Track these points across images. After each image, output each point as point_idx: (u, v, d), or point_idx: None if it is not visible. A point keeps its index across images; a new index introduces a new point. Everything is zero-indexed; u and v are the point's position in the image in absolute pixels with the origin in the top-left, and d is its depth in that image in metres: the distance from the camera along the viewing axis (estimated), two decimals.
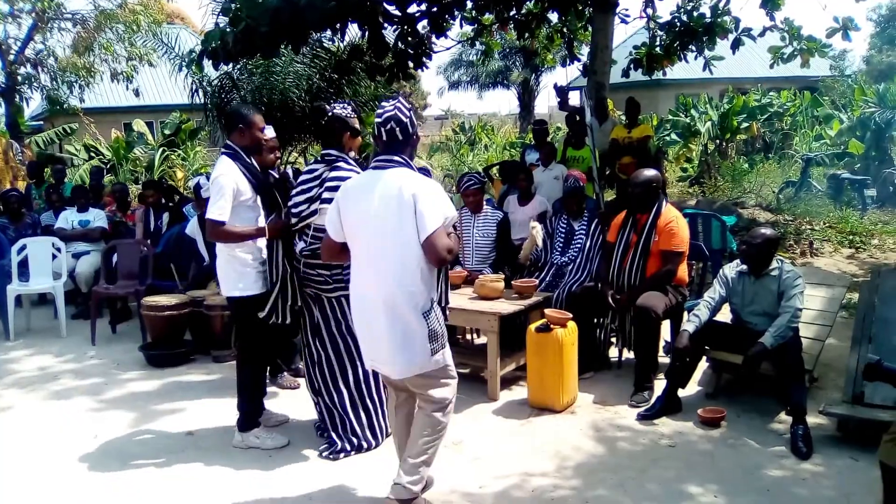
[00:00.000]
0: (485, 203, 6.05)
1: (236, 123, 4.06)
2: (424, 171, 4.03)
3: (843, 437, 4.09)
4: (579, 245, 5.56)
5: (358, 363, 4.00)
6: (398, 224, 3.04)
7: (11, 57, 13.40)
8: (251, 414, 4.24)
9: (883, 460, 2.84)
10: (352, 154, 4.06)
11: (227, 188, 3.87)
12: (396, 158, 3.15)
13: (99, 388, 5.39)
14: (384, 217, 3.07)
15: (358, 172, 3.78)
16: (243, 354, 4.20)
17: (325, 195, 3.84)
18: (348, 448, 4.03)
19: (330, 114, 4.05)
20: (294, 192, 4.05)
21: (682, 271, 5.08)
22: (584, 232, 5.59)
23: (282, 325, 4.15)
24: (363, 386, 4.09)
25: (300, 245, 4.05)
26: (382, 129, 3.17)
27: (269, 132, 4.42)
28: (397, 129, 3.15)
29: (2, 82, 13.34)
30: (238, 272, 4.02)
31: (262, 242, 4.06)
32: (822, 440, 4.05)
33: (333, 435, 4.09)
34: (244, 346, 4.19)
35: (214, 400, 5.02)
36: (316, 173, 3.97)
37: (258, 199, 4.06)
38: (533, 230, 5.63)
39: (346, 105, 4.12)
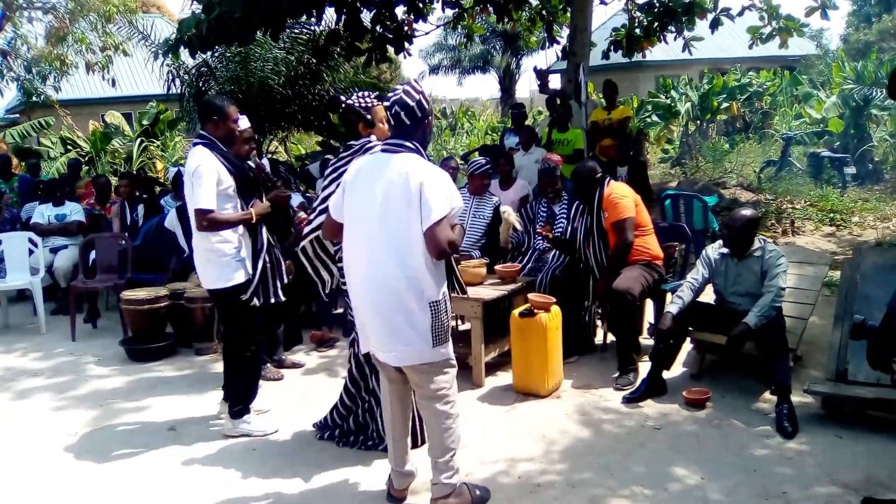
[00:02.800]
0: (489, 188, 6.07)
1: (210, 114, 4.03)
2: None
3: (827, 415, 4.11)
4: (561, 228, 5.54)
5: None
6: (403, 210, 2.98)
7: None
8: (243, 401, 4.23)
9: None
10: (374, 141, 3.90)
11: (210, 176, 3.86)
12: (407, 144, 3.10)
13: (78, 384, 5.32)
14: (389, 202, 3.01)
15: None
16: (230, 345, 4.19)
17: None
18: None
19: (343, 106, 3.97)
20: (324, 184, 3.94)
21: (651, 246, 5.05)
22: (564, 215, 5.57)
23: (266, 313, 4.11)
24: None
25: (332, 247, 3.92)
26: (389, 114, 3.13)
27: (244, 123, 4.36)
28: (402, 112, 3.09)
29: None
30: (218, 264, 3.99)
31: (239, 231, 4.01)
32: (807, 418, 4.06)
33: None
34: (231, 337, 4.18)
35: (197, 393, 4.97)
36: (343, 162, 3.82)
37: (236, 188, 4.01)
38: (504, 213, 5.62)
39: (367, 95, 3.99)
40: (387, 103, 3.16)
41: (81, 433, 4.40)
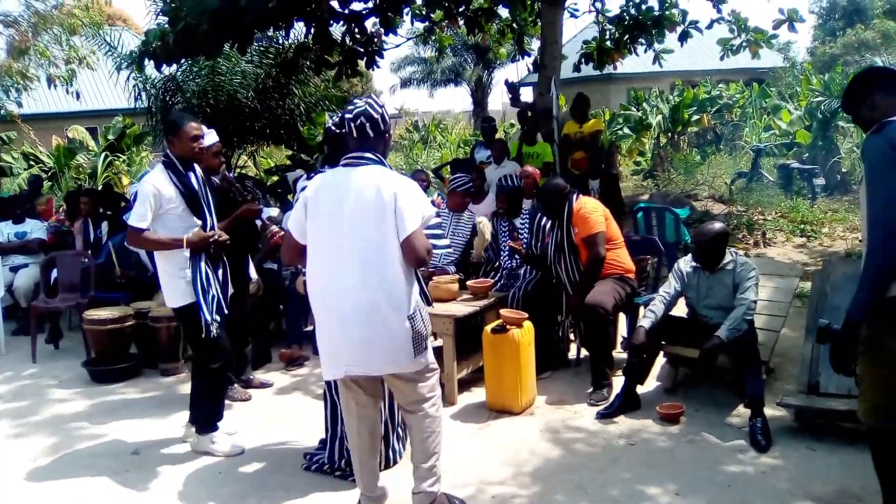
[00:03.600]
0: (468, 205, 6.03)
1: (167, 132, 4.03)
2: None
3: (800, 428, 4.09)
4: (525, 243, 5.49)
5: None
6: (377, 223, 2.94)
7: None
8: (208, 418, 4.15)
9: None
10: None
11: (148, 195, 3.84)
12: (369, 155, 3.06)
13: (39, 407, 5.14)
14: (362, 216, 2.95)
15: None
16: (195, 363, 4.14)
17: None
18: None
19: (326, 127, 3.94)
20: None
21: (623, 260, 5.04)
22: (525, 228, 5.53)
23: (234, 331, 4.04)
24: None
25: None
26: (353, 125, 3.07)
27: (210, 138, 4.27)
28: (368, 124, 3.06)
29: None
30: (170, 283, 3.98)
31: (186, 253, 3.92)
32: (781, 431, 4.04)
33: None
34: (195, 355, 4.13)
35: (162, 416, 4.82)
36: None
37: (187, 209, 3.94)
38: (480, 224, 5.57)
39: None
40: (349, 115, 3.10)
41: (41, 459, 4.24)
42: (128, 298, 6.28)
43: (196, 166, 4.08)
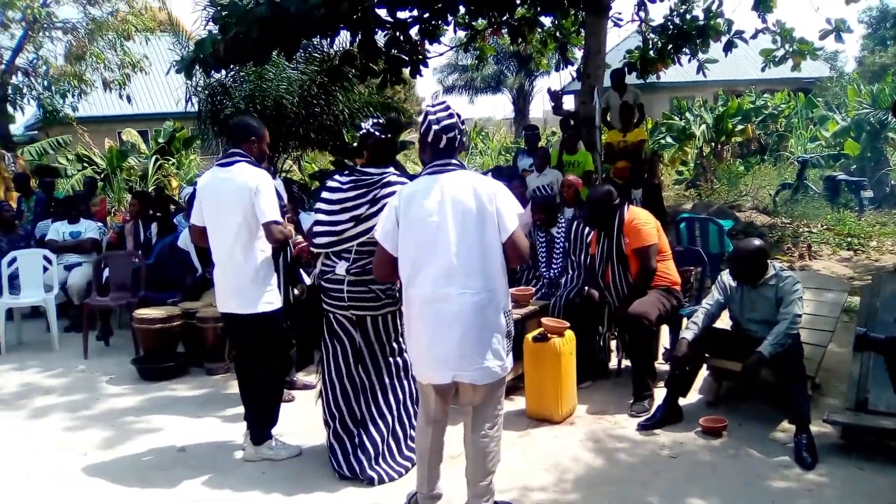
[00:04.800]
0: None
1: (248, 135, 4.01)
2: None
3: (847, 446, 4.02)
4: (561, 251, 5.49)
5: (404, 383, 3.90)
6: (479, 225, 3.01)
7: (2, 67, 13.31)
8: (269, 427, 4.17)
9: None
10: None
11: (273, 189, 3.91)
12: (454, 162, 3.15)
13: (89, 403, 5.30)
14: (463, 220, 3.02)
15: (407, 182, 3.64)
16: (269, 369, 4.11)
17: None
18: (402, 474, 3.84)
19: (364, 131, 3.90)
20: (324, 209, 3.84)
21: (671, 272, 5.02)
22: (562, 237, 5.53)
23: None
24: (410, 407, 3.92)
25: (342, 265, 3.77)
26: (444, 136, 3.13)
27: None
28: (459, 137, 3.18)
29: None
30: (265, 287, 3.95)
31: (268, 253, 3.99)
32: (827, 449, 3.98)
33: (377, 466, 3.83)
34: (270, 360, 4.09)
35: (207, 415, 4.94)
36: (361, 191, 3.75)
37: None
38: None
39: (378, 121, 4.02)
40: (437, 126, 3.14)
41: (92, 453, 4.38)
42: (176, 299, 6.43)
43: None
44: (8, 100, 13.14)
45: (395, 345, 3.88)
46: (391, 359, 3.89)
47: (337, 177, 3.92)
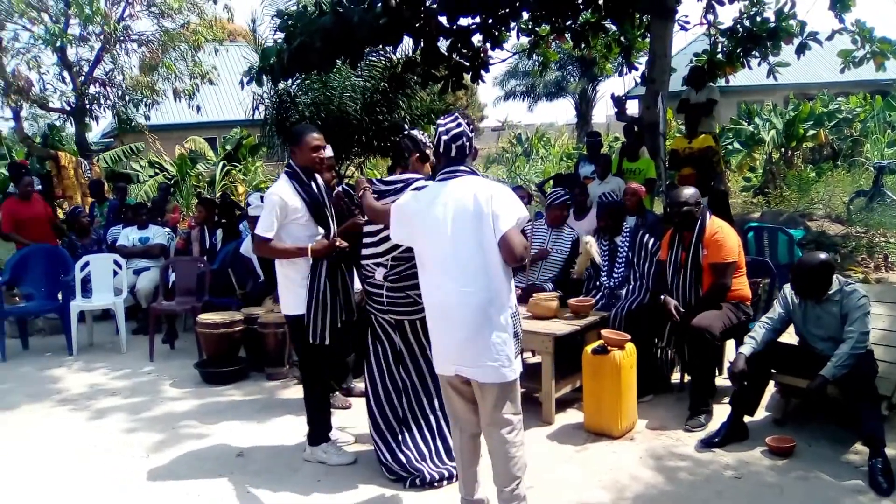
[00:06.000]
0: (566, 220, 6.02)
1: (291, 143, 4.17)
2: None
3: None
4: (624, 260, 5.37)
5: None
6: (477, 226, 3.09)
7: (81, 78, 13.85)
8: (319, 428, 4.25)
9: None
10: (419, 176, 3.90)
11: (275, 205, 3.95)
12: (463, 168, 3.25)
13: (153, 405, 5.44)
14: (462, 223, 3.11)
15: None
16: (302, 372, 4.28)
17: None
18: (446, 475, 3.87)
19: (406, 132, 4.04)
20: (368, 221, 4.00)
21: (743, 287, 4.86)
22: (626, 245, 5.40)
23: (330, 344, 4.12)
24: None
25: (381, 271, 3.90)
26: (453, 145, 3.24)
27: (327, 151, 4.41)
28: (468, 144, 3.27)
29: (72, 102, 13.80)
30: (291, 291, 4.08)
31: (309, 262, 4.02)
32: None
33: (423, 463, 3.89)
34: (301, 364, 4.27)
35: (266, 419, 5.02)
36: (390, 199, 3.78)
37: (311, 218, 4.05)
38: (587, 244, 5.46)
39: (425, 135, 4.09)
40: (447, 136, 3.23)
41: (151, 456, 4.49)
42: (239, 304, 6.56)
43: (317, 176, 4.19)
44: (86, 110, 13.67)
45: None
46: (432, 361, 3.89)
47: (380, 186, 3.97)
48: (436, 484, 3.85)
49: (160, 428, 4.95)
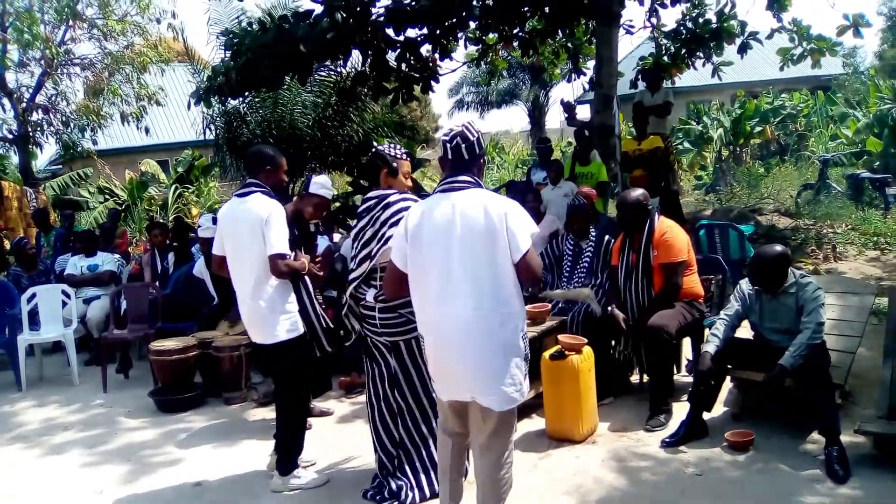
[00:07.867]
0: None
1: (265, 164, 4.02)
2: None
3: (881, 456, 3.86)
4: (586, 265, 5.38)
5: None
6: (489, 246, 2.93)
7: (23, 105, 13.54)
8: (294, 455, 4.11)
9: None
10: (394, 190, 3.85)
11: (284, 221, 3.87)
12: (466, 178, 3.08)
13: (106, 437, 5.28)
14: (472, 240, 2.95)
15: (414, 199, 3.63)
16: (291, 396, 4.09)
17: (389, 232, 3.61)
18: (428, 496, 3.82)
19: (373, 150, 3.97)
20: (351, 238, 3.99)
21: (695, 285, 4.91)
22: (591, 251, 5.41)
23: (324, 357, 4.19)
24: None
25: (371, 292, 3.79)
26: (448, 147, 3.12)
27: (328, 193, 4.71)
28: (464, 146, 3.10)
29: (14, 130, 13.47)
30: (282, 315, 3.93)
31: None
32: (860, 460, 3.83)
33: (417, 484, 3.83)
34: (292, 388, 4.08)
35: (224, 444, 4.90)
36: (369, 215, 3.78)
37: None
38: (587, 297, 5.31)
39: (396, 147, 4.03)
40: (446, 138, 3.15)
41: (108, 490, 4.34)
42: (198, 326, 6.41)
43: None
44: (29, 137, 13.35)
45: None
46: (428, 381, 3.83)
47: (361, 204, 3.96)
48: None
49: (116, 461, 4.80)
